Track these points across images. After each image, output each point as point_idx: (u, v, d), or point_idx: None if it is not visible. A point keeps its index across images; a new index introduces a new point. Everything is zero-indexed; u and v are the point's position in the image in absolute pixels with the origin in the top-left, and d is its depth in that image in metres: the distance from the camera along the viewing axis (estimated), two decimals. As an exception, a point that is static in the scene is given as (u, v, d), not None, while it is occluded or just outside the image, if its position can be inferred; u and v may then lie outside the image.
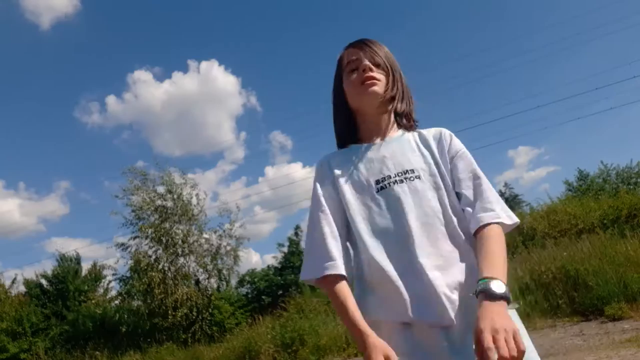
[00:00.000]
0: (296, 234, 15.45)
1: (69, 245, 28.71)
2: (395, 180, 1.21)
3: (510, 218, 1.17)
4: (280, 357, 8.46)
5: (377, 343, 1.03)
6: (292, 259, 14.84)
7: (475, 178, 1.23)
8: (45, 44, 33.02)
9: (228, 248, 13.44)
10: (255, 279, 15.16)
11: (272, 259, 15.77)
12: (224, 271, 13.53)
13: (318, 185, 1.28)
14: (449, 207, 1.18)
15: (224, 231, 13.44)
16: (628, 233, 7.76)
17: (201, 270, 13.37)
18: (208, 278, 13.53)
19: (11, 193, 33.80)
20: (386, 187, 1.21)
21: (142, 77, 31.60)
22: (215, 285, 13.66)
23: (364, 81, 1.25)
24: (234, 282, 14.58)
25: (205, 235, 13.44)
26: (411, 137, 1.30)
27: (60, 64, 34.68)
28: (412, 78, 1.35)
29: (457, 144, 1.29)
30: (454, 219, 1.17)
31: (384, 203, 1.20)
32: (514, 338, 0.90)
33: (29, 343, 13.51)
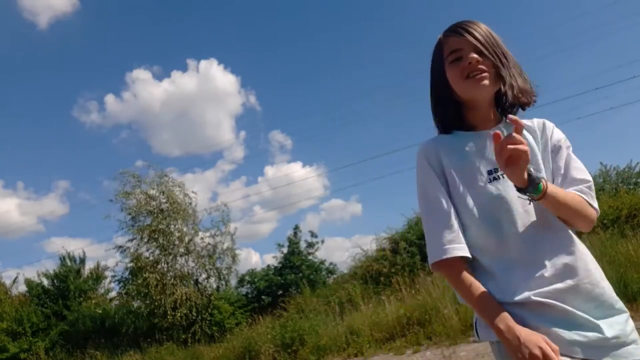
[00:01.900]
0: (295, 234, 15.42)
1: (69, 245, 28.70)
2: (503, 174, 1.18)
3: (595, 209, 1.22)
4: (280, 357, 8.46)
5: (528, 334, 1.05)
6: (292, 259, 14.81)
7: (567, 163, 1.26)
8: (43, 42, 32.97)
9: (225, 247, 13.47)
10: (255, 279, 15.13)
11: (272, 258, 15.73)
12: (223, 271, 13.54)
13: (428, 173, 1.25)
14: None
15: (218, 229, 13.47)
16: (628, 233, 7.76)
17: (200, 270, 13.39)
18: (207, 278, 13.54)
19: (10, 192, 33.78)
20: (497, 179, 1.19)
21: (141, 76, 31.60)
22: (214, 285, 13.67)
23: (473, 74, 1.19)
24: (233, 282, 14.57)
25: (201, 235, 13.47)
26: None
27: (59, 63, 34.63)
28: (412, 82, 1.32)
29: (560, 134, 1.29)
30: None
31: (496, 194, 1.18)
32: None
33: (29, 343, 13.50)
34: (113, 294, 16.76)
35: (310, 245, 15.30)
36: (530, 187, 1.10)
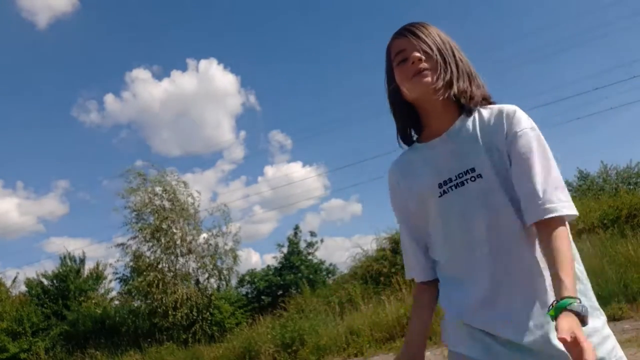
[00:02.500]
0: (295, 234, 15.44)
1: (69, 245, 28.70)
2: (457, 183, 1.12)
3: (567, 216, 1.03)
4: (280, 357, 8.46)
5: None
6: (292, 259, 14.82)
7: (527, 155, 1.06)
8: (42, 42, 32.91)
9: (227, 247, 13.49)
10: (255, 279, 15.16)
11: (272, 259, 15.77)
12: (224, 271, 13.55)
13: (391, 197, 1.29)
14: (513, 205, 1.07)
15: (220, 229, 13.50)
16: (628, 233, 7.77)
17: (201, 270, 13.41)
18: (208, 278, 13.55)
19: (9, 192, 33.76)
20: (447, 192, 1.13)
21: (140, 75, 31.53)
22: (215, 285, 13.68)
23: (415, 74, 1.15)
24: (233, 282, 14.60)
25: (203, 235, 13.50)
26: (471, 123, 1.16)
27: (58, 63, 34.57)
28: None
29: (519, 123, 1.11)
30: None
31: (447, 209, 1.13)
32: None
33: (29, 343, 13.50)
34: (113, 294, 16.81)
35: (309, 245, 15.32)
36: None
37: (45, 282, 15.66)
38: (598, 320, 1.08)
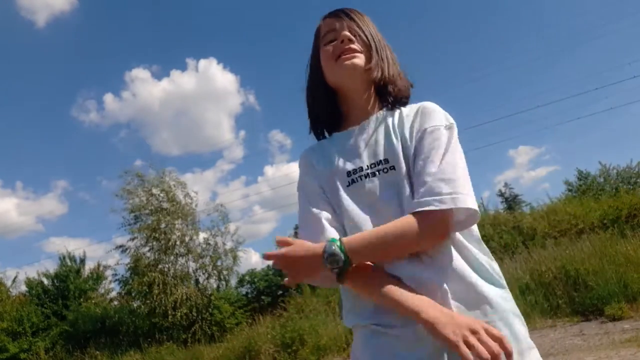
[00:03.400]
0: (295, 234, 15.44)
1: (68, 245, 28.71)
2: (367, 174, 1.06)
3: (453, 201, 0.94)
4: (280, 357, 8.46)
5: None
6: (292, 259, 14.85)
7: (429, 151, 1.01)
8: (41, 42, 32.95)
9: (226, 247, 13.49)
10: (255, 279, 15.17)
11: (272, 259, 15.75)
12: (224, 271, 13.56)
13: (304, 179, 1.15)
14: None
15: (219, 229, 13.51)
16: (628, 233, 7.77)
17: (201, 270, 13.42)
18: (208, 278, 13.56)
19: (9, 192, 33.77)
20: (357, 181, 1.07)
21: (140, 75, 31.59)
22: (215, 285, 13.69)
23: (342, 53, 1.10)
24: (233, 282, 14.61)
25: (202, 235, 13.50)
26: (391, 116, 1.12)
27: (57, 62, 34.66)
28: (412, 81, 1.23)
29: (432, 119, 1.06)
30: None
31: (354, 199, 1.05)
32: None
33: (29, 343, 13.51)
34: (113, 294, 16.80)
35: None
36: (325, 258, 0.93)
37: (46, 281, 15.69)
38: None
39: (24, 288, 16.25)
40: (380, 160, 1.06)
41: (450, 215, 0.96)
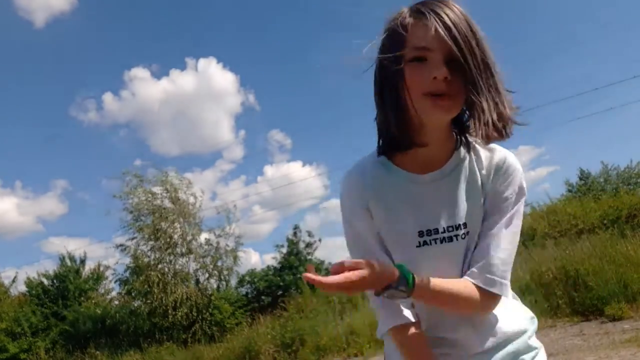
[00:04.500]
0: (295, 234, 15.45)
1: (68, 245, 28.70)
2: (444, 238, 0.97)
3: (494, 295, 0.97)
4: (280, 357, 8.47)
5: None
6: (291, 260, 14.84)
7: (499, 222, 0.98)
8: (40, 41, 32.88)
9: (228, 248, 13.50)
10: (255, 279, 15.18)
11: (271, 259, 15.77)
12: (224, 271, 13.56)
13: (351, 215, 1.03)
14: None
15: (222, 230, 13.51)
16: (628, 233, 7.77)
17: (201, 270, 13.42)
18: (208, 278, 13.57)
19: (8, 192, 33.76)
20: (429, 244, 0.97)
21: (139, 74, 31.48)
22: (215, 285, 13.70)
23: (436, 93, 0.87)
24: (233, 282, 14.62)
25: (205, 235, 13.51)
26: (468, 164, 0.99)
27: (56, 62, 34.52)
28: None
29: (512, 184, 0.98)
30: None
31: (423, 263, 0.98)
32: None
33: (29, 343, 13.51)
34: (113, 294, 16.79)
35: (308, 245, 15.34)
36: (399, 283, 0.88)
37: (46, 281, 15.68)
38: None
39: (23, 288, 16.25)
40: (460, 225, 0.97)
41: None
